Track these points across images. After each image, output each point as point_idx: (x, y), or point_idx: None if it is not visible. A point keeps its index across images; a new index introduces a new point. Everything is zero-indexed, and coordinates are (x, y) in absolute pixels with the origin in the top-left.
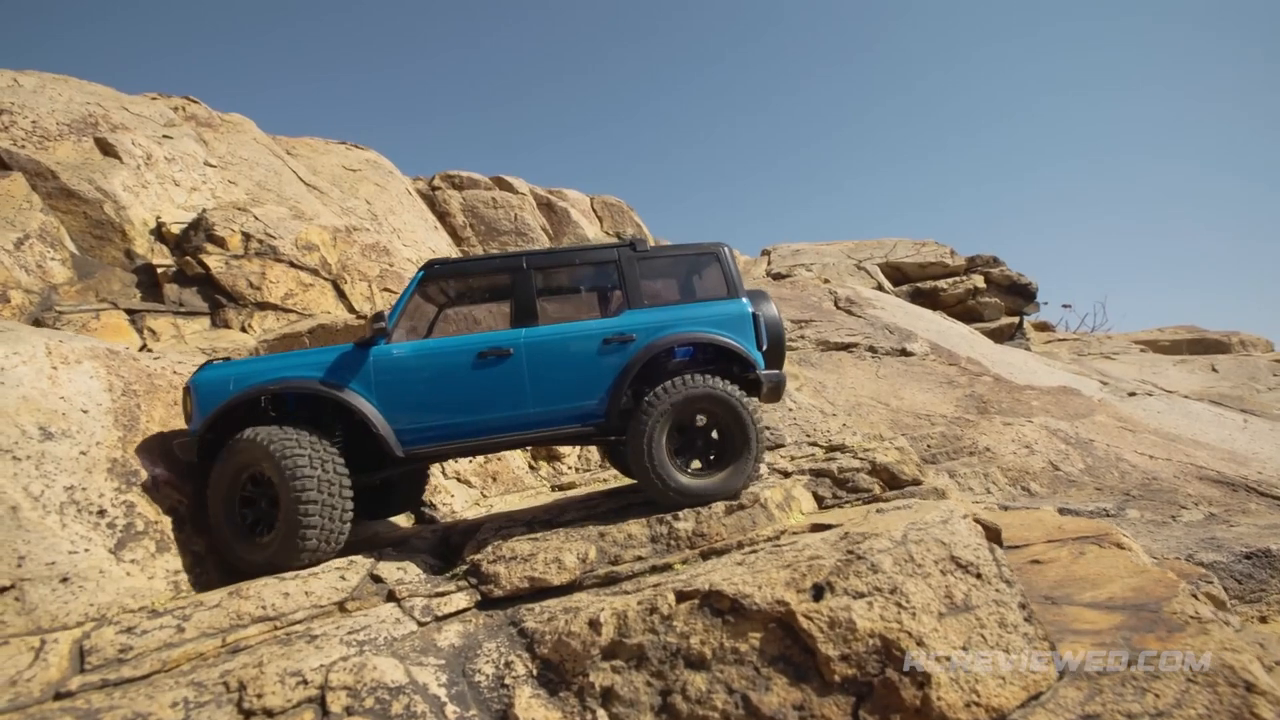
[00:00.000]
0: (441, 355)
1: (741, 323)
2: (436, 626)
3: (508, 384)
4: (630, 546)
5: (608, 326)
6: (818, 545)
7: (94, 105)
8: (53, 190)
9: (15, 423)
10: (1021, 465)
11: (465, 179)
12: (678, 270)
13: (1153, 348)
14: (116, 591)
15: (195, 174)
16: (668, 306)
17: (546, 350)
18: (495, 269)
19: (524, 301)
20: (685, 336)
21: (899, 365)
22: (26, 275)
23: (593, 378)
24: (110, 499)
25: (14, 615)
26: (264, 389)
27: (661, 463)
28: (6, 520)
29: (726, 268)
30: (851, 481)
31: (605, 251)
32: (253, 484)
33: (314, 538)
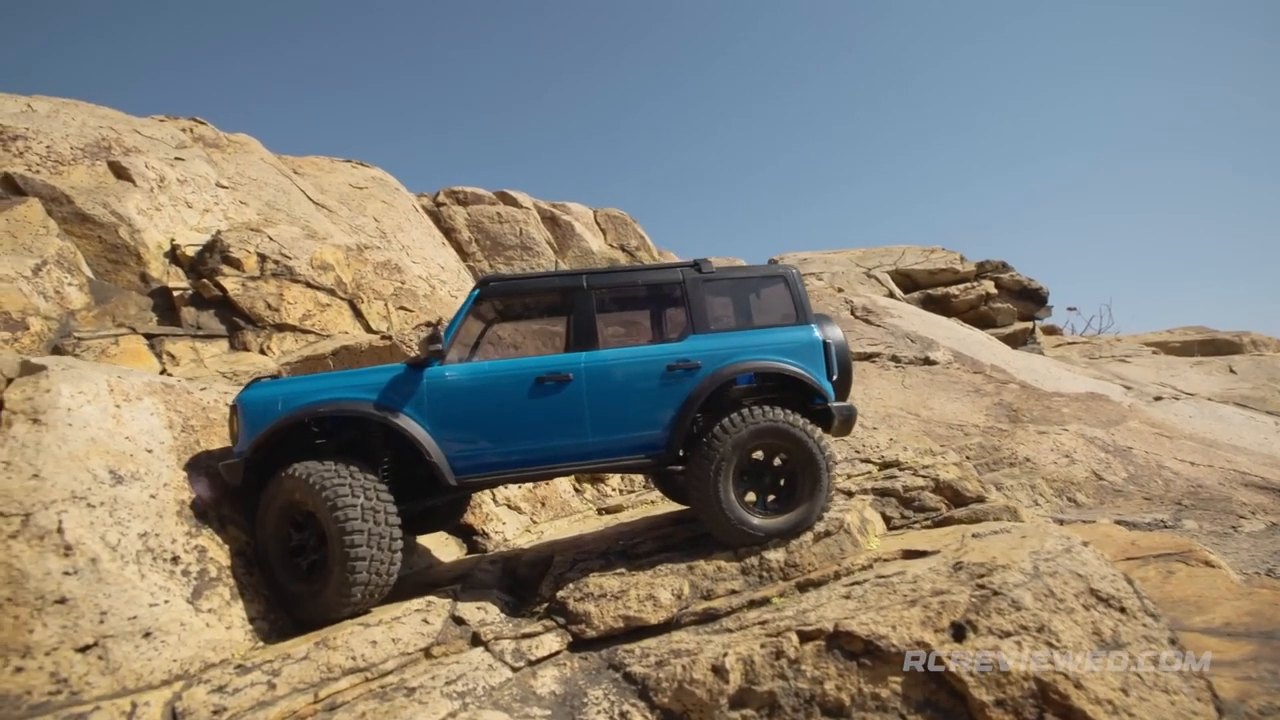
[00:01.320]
0: (498, 379)
1: (812, 351)
2: (531, 672)
3: (566, 411)
4: (721, 579)
5: (671, 352)
6: (931, 577)
7: (106, 129)
8: (68, 215)
9: (86, 467)
10: (1065, 475)
11: (470, 194)
12: (742, 293)
13: (1163, 349)
14: (198, 645)
15: (207, 195)
16: (733, 332)
17: (608, 376)
18: (553, 288)
19: (584, 323)
20: (753, 365)
21: (924, 375)
22: (45, 302)
23: (655, 406)
24: (182, 544)
25: (98, 675)
26: (314, 410)
27: (729, 502)
28: (87, 573)
29: (795, 291)
30: (917, 500)
31: (669, 272)
32: (299, 521)
33: (364, 571)
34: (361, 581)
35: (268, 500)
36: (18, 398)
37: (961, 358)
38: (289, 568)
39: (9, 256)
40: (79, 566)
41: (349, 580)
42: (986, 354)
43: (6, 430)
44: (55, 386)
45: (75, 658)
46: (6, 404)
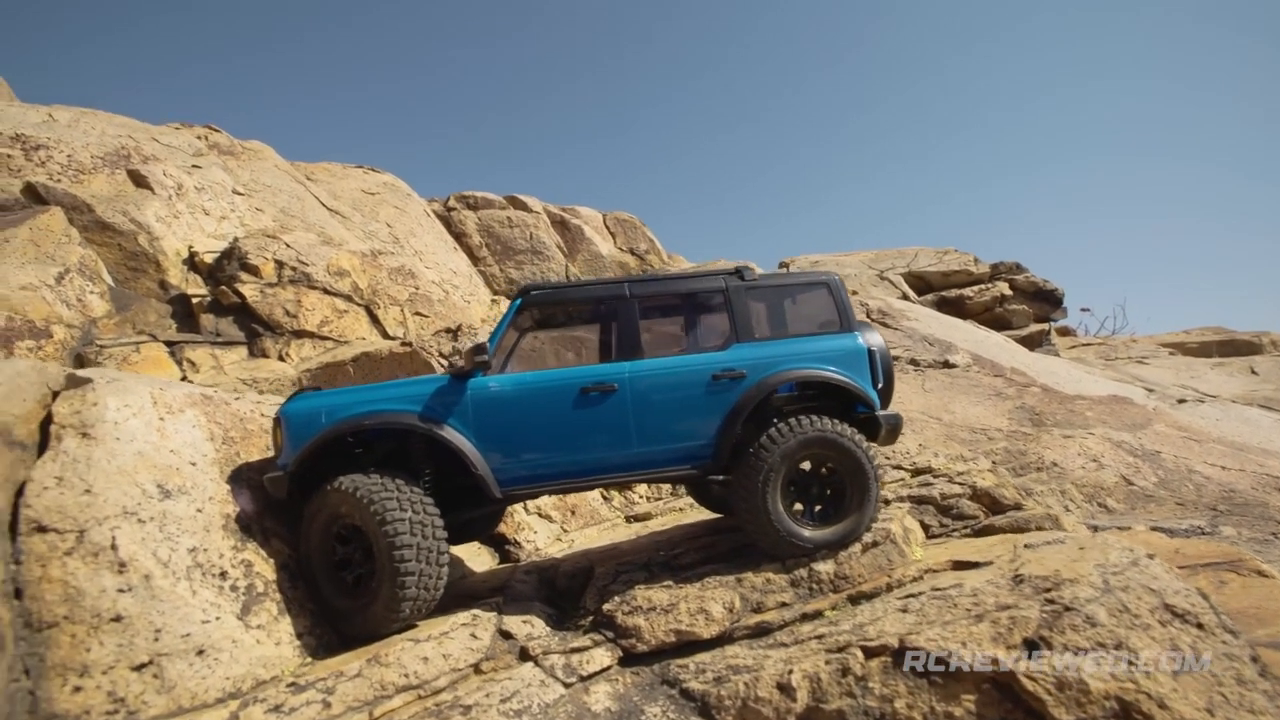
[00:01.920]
0: (542, 390)
1: (857, 359)
2: (583, 687)
3: (611, 421)
4: (771, 591)
5: (716, 361)
6: (991, 591)
7: (125, 137)
8: (89, 223)
9: (135, 481)
10: (1094, 480)
11: (480, 199)
12: (784, 300)
13: (1181, 350)
14: (249, 662)
15: (224, 202)
16: (778, 340)
17: (653, 386)
18: (596, 296)
19: (627, 332)
20: (800, 374)
21: (944, 378)
22: (68, 310)
23: (701, 416)
24: (229, 559)
25: (154, 694)
26: (360, 423)
27: (778, 514)
28: (140, 591)
29: (838, 298)
30: (955, 508)
31: (713, 280)
32: (344, 535)
33: (413, 586)
34: (411, 596)
35: (312, 514)
36: (65, 411)
37: (981, 360)
38: (334, 582)
39: (32, 265)
40: (133, 584)
41: (398, 595)
42: (1006, 356)
43: (57, 445)
44: (102, 400)
45: (131, 677)
46: (55, 418)
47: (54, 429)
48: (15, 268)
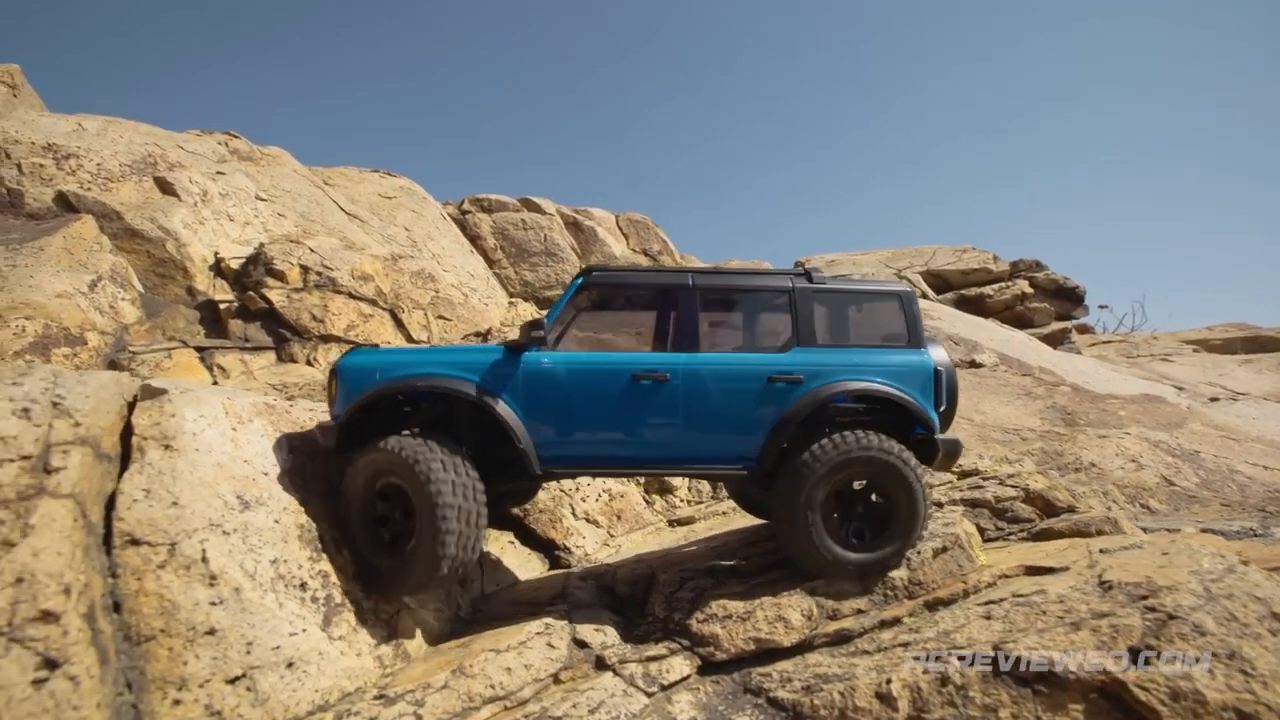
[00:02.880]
0: (594, 372)
1: (924, 377)
2: (665, 697)
3: (660, 411)
4: (845, 599)
5: (774, 363)
6: (1078, 597)
7: (151, 145)
8: (118, 230)
9: (217, 493)
10: (1135, 481)
11: (494, 201)
12: (851, 308)
13: (1205, 347)
14: (335, 673)
15: (248, 208)
16: (841, 349)
17: (706, 381)
18: (658, 284)
19: (686, 324)
20: (860, 387)
21: (972, 378)
22: (101, 317)
23: (752, 417)
24: (307, 570)
25: (249, 707)
26: (411, 383)
27: (818, 529)
28: (231, 603)
29: (909, 311)
30: (1010, 511)
31: (779, 279)
32: (385, 493)
33: (452, 545)
34: (450, 555)
35: (357, 470)
36: (146, 423)
37: (1008, 359)
38: (372, 537)
39: (67, 273)
40: (224, 596)
41: (438, 554)
42: (1032, 355)
43: (141, 457)
44: (179, 411)
45: (226, 690)
46: (136, 429)
47: (136, 441)
48: (50, 275)
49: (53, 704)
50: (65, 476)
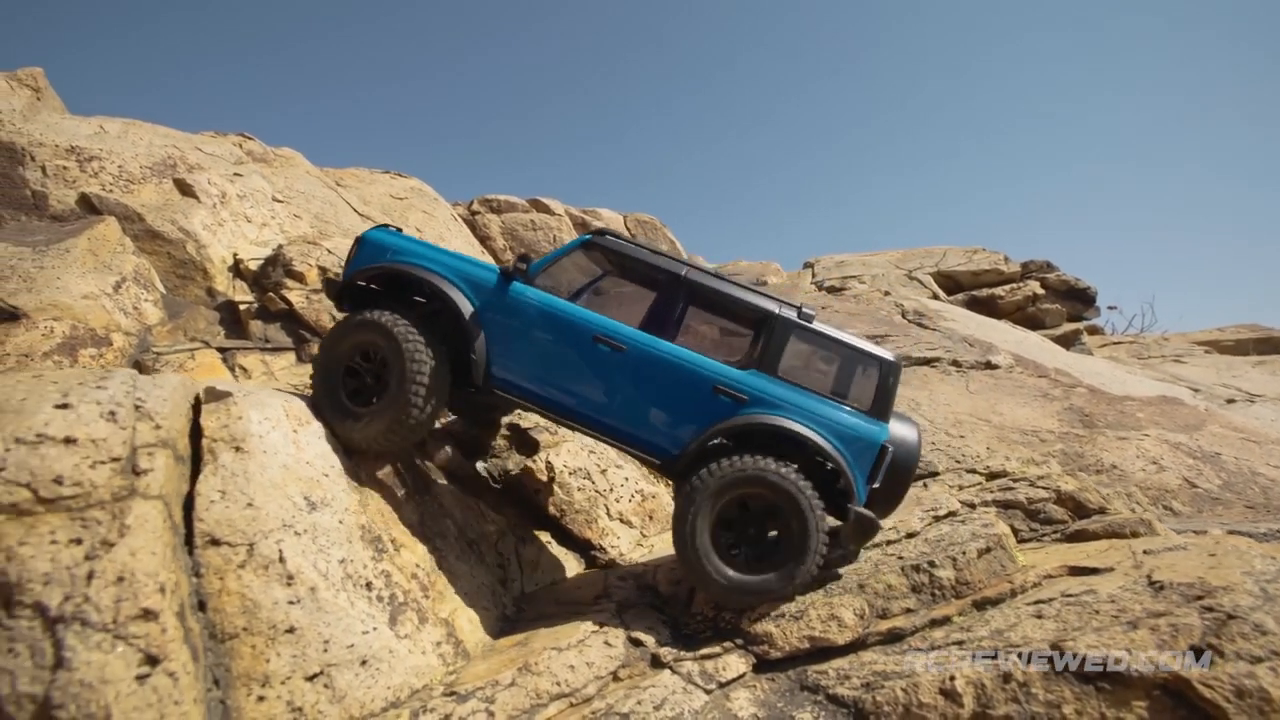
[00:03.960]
0: (559, 319)
1: (864, 447)
2: (724, 694)
3: (607, 377)
4: (894, 598)
5: (725, 376)
6: (1129, 598)
7: (170, 147)
8: (139, 232)
9: (286, 494)
10: (1157, 483)
11: (503, 202)
12: (828, 357)
13: (1216, 348)
14: (405, 671)
15: (265, 210)
16: (797, 388)
17: (656, 366)
18: (654, 266)
19: (662, 310)
20: (792, 428)
21: (987, 379)
22: (125, 318)
23: (686, 416)
24: (372, 570)
25: (327, 704)
26: (410, 272)
27: (705, 546)
28: (308, 602)
29: (884, 383)
30: (1043, 513)
31: (767, 302)
32: (366, 356)
33: (416, 411)
34: (413, 422)
35: (347, 329)
36: (214, 425)
37: (1023, 361)
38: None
39: (92, 274)
40: (300, 596)
41: (403, 417)
42: (1047, 357)
43: (214, 459)
44: (245, 413)
45: (306, 687)
46: (205, 431)
47: (206, 443)
48: (77, 277)
49: (156, 699)
50: (153, 478)
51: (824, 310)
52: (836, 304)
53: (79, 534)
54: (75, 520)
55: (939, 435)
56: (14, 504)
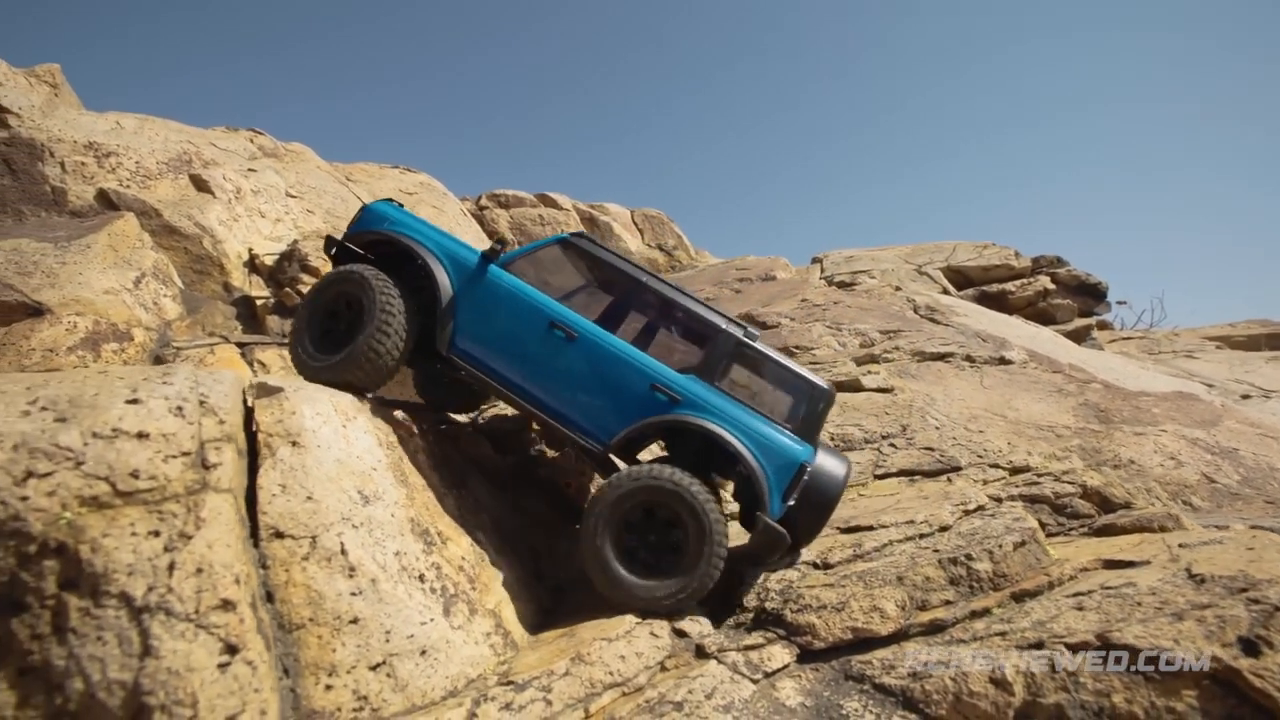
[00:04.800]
0: (521, 301)
1: (783, 463)
2: (770, 683)
3: (556, 362)
4: (932, 590)
5: (665, 376)
6: (1170, 590)
7: (185, 143)
8: (156, 227)
9: (341, 488)
10: (1175, 478)
11: (511, 197)
12: (768, 376)
13: (1227, 343)
14: (461, 661)
15: (279, 205)
16: (730, 398)
17: (602, 358)
18: (617, 270)
19: (618, 310)
20: (715, 430)
21: (1001, 375)
22: (145, 313)
23: (621, 407)
24: (423, 562)
25: (390, 693)
26: (399, 241)
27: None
28: (369, 594)
29: (813, 407)
30: (1070, 507)
31: (717, 318)
32: (348, 304)
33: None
34: (378, 367)
35: (333, 280)
36: (269, 420)
37: (1037, 356)
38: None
39: (113, 270)
40: (362, 587)
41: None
42: (1061, 352)
43: (273, 454)
44: (298, 408)
45: (370, 676)
46: (261, 426)
47: (263, 438)
48: (98, 272)
49: (237, 687)
50: (223, 472)
51: (835, 305)
52: (848, 299)
53: (156, 526)
54: (152, 513)
55: (957, 430)
56: (94, 497)
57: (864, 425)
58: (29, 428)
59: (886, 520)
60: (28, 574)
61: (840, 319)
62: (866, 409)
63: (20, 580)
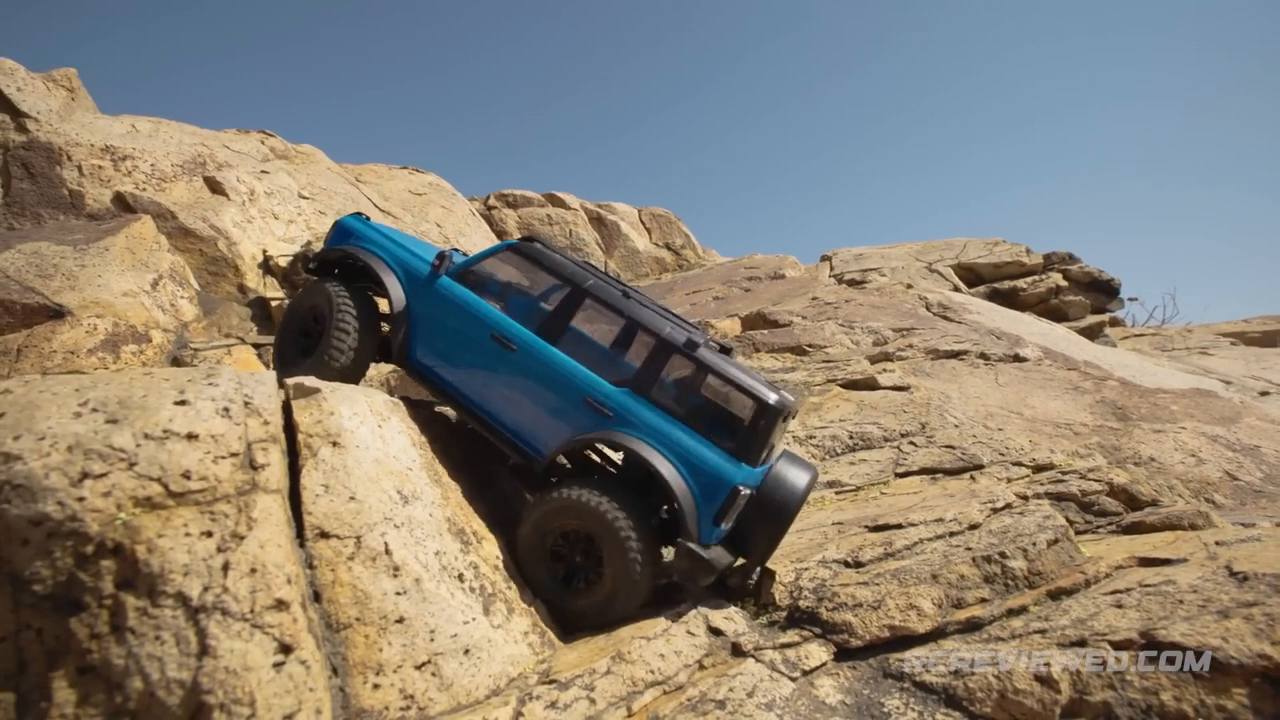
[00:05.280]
0: (465, 313)
1: (713, 484)
2: (808, 681)
3: (497, 373)
4: (967, 588)
5: (598, 389)
6: (1211, 589)
7: (199, 145)
8: (172, 230)
9: (381, 488)
10: (1197, 476)
11: (519, 197)
12: (713, 387)
13: (1242, 339)
14: (502, 660)
15: (291, 206)
16: (665, 414)
17: (537, 370)
18: (560, 273)
19: (559, 318)
20: (638, 449)
21: (1016, 372)
22: (163, 314)
23: (557, 421)
24: (462, 562)
25: (436, 692)
26: (359, 255)
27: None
28: (413, 593)
29: (754, 423)
30: (1097, 505)
31: (660, 323)
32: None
33: (339, 358)
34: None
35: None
36: (309, 421)
37: (1051, 354)
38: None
39: (131, 272)
40: (406, 587)
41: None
42: (1075, 350)
43: (314, 454)
44: (336, 408)
45: (415, 675)
46: (300, 427)
47: (303, 438)
48: (116, 275)
49: (292, 686)
50: (271, 473)
51: (847, 303)
52: (860, 297)
53: (209, 527)
54: (204, 514)
55: (977, 428)
56: (148, 497)
57: (882, 423)
58: (82, 429)
59: (915, 518)
60: (85, 574)
61: (852, 317)
62: (884, 407)
63: (78, 580)
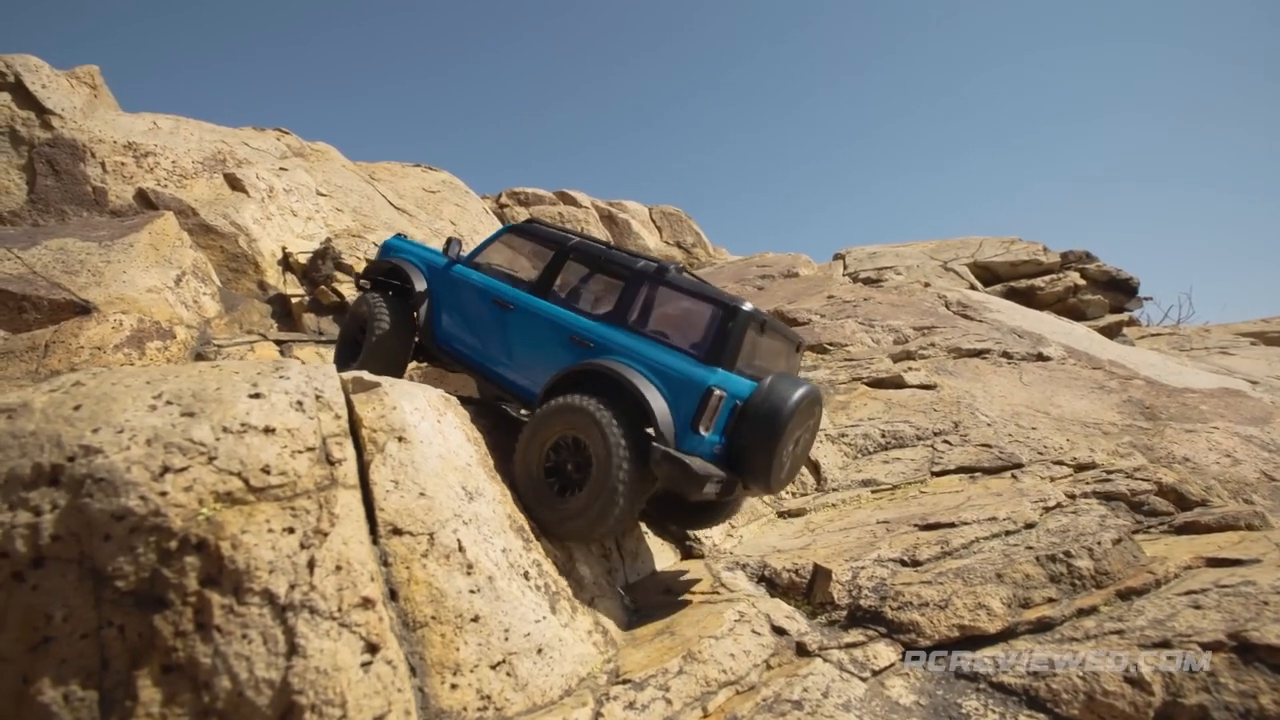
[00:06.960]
0: (472, 288)
1: (686, 389)
2: (878, 682)
3: (500, 334)
4: (1033, 587)
5: (579, 325)
6: None
7: (219, 142)
8: (193, 226)
9: (448, 484)
10: (1234, 476)
11: (531, 195)
12: (683, 309)
13: (1262, 339)
14: (572, 659)
15: (310, 204)
16: (636, 334)
17: (529, 321)
18: (548, 238)
19: (547, 276)
20: (611, 368)
21: (1040, 371)
22: (186, 311)
23: (548, 363)
24: (526, 559)
25: (512, 692)
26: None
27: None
28: (487, 591)
29: (721, 327)
30: (1147, 504)
31: (633, 262)
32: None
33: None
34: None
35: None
36: (372, 416)
37: (1075, 353)
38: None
39: (155, 269)
40: (480, 585)
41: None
42: (1098, 349)
43: (381, 450)
44: (398, 403)
45: (491, 674)
46: (364, 422)
47: (367, 433)
48: (140, 271)
49: (380, 686)
50: (348, 468)
51: (865, 302)
52: (878, 295)
53: (291, 523)
54: (285, 509)
55: (1010, 427)
56: (229, 493)
57: (913, 422)
58: (159, 422)
59: (967, 517)
60: (169, 570)
61: (872, 315)
62: (913, 406)
63: (162, 576)
